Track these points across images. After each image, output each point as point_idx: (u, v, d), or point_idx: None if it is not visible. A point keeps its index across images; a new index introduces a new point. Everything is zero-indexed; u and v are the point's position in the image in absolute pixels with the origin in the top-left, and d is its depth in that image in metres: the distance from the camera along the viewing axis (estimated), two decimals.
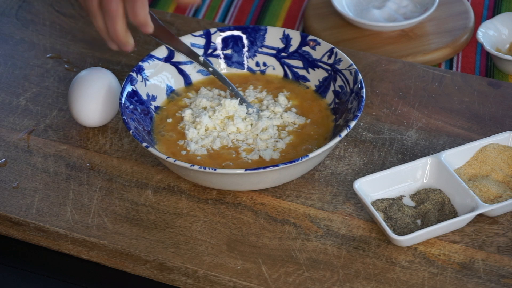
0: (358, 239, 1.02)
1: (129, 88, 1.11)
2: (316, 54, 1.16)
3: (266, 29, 1.19)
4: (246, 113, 1.12)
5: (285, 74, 1.18)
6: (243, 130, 1.10)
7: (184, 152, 1.08)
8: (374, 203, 1.04)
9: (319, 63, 1.16)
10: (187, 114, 1.13)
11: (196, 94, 1.17)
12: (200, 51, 1.19)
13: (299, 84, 1.17)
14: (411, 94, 1.20)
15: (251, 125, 1.11)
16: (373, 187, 1.05)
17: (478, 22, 1.40)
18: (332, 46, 1.15)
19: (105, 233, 1.04)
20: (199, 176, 1.03)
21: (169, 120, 1.13)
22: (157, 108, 1.14)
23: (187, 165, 1.01)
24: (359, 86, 1.09)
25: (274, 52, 1.19)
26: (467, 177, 1.07)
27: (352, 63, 1.12)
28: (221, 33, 1.19)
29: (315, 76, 1.16)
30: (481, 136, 1.13)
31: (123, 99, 1.09)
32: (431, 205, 1.04)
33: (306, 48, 1.17)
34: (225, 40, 1.19)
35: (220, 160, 1.07)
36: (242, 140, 1.09)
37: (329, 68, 1.15)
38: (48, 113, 1.19)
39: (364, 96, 1.08)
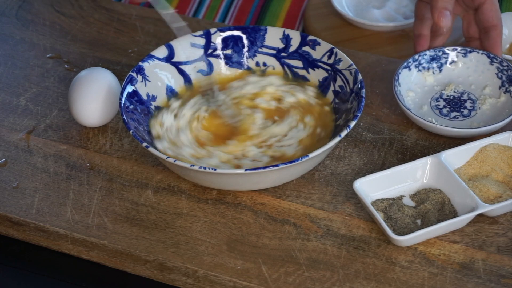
0: (358, 239, 1.02)
1: (129, 88, 1.11)
2: (316, 54, 1.16)
3: (266, 29, 1.19)
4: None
5: (285, 74, 1.18)
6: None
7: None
8: (374, 203, 1.04)
9: (319, 63, 1.16)
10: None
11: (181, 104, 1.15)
12: (200, 51, 1.19)
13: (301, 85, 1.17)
14: None
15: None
16: (373, 187, 1.05)
17: None
18: (332, 46, 1.15)
19: (105, 233, 1.04)
20: (199, 176, 1.03)
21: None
22: (157, 108, 1.14)
23: (187, 165, 1.01)
24: (359, 86, 1.09)
25: (274, 52, 1.19)
26: (467, 177, 1.07)
27: (352, 63, 1.12)
28: (221, 33, 1.19)
29: (315, 76, 1.16)
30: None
31: (123, 99, 1.09)
32: (431, 205, 1.04)
33: (306, 48, 1.17)
34: (225, 40, 1.19)
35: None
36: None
37: (329, 68, 1.15)
38: (48, 113, 1.19)
39: (364, 96, 1.08)
